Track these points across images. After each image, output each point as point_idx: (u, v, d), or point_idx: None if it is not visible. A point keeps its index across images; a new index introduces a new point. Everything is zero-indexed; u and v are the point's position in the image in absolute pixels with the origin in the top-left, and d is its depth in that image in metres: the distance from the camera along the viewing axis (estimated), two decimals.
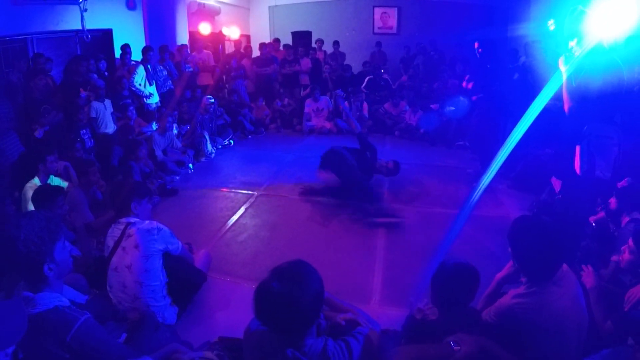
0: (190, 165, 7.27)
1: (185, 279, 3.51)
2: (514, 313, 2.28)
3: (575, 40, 3.39)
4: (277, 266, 1.90)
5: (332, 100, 10.47)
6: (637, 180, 4.01)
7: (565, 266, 2.33)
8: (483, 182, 6.39)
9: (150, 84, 8.21)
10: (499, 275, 2.76)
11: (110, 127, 6.93)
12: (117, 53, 8.69)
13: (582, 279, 2.85)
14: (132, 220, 3.26)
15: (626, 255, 2.82)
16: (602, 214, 4.07)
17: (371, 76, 11.02)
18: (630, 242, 2.82)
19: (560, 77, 3.69)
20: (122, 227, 3.24)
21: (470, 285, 2.30)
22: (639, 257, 2.75)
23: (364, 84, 10.85)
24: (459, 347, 2.07)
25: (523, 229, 2.28)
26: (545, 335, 2.20)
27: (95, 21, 8.30)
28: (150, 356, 2.31)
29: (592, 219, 4.07)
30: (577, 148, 3.48)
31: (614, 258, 3.13)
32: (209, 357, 2.35)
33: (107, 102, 6.93)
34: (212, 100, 8.49)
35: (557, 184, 4.40)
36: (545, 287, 2.24)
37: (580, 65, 3.42)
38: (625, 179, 4.02)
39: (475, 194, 6.18)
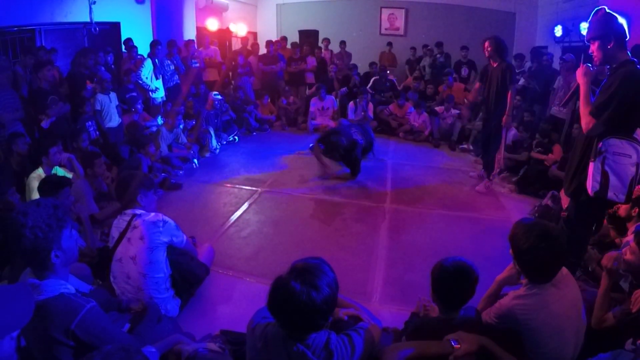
0: (195, 160, 7.29)
1: (189, 272, 3.53)
2: (513, 314, 2.29)
3: (597, 44, 3.23)
4: (298, 262, 1.93)
5: (337, 99, 10.49)
6: None
7: (564, 269, 2.35)
8: (485, 185, 6.43)
9: (157, 78, 8.22)
10: (500, 276, 2.77)
11: (115, 120, 6.94)
12: (124, 47, 8.72)
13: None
14: (138, 212, 3.28)
15: (628, 256, 2.79)
16: (603, 221, 4.06)
17: (377, 77, 11.04)
18: (632, 242, 2.78)
19: (571, 86, 3.54)
20: (127, 218, 3.26)
21: (467, 283, 2.31)
22: None
23: (369, 85, 10.86)
24: (459, 345, 2.09)
25: (524, 230, 2.29)
26: (544, 336, 2.22)
27: (103, 14, 8.32)
28: (153, 346, 2.33)
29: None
30: (591, 165, 3.21)
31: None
32: (213, 349, 2.37)
33: (113, 95, 6.94)
34: (219, 97, 8.52)
35: (564, 198, 4.24)
36: (544, 288, 2.26)
37: (600, 74, 3.25)
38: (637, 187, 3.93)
39: (477, 197, 6.22)
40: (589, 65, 3.31)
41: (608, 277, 2.76)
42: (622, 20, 3.09)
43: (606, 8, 3.14)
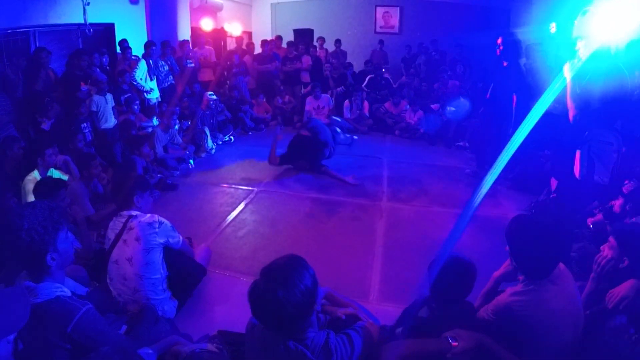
0: (191, 161, 7.27)
1: (186, 273, 3.53)
2: (511, 310, 2.30)
3: (582, 42, 3.37)
4: (268, 264, 1.92)
5: (333, 98, 10.49)
6: None
7: (561, 265, 2.36)
8: (482, 182, 6.42)
9: (152, 79, 8.19)
10: (497, 273, 2.78)
11: (111, 122, 6.93)
12: (119, 48, 8.70)
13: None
14: (134, 213, 3.28)
15: (606, 252, 2.81)
16: (599, 216, 4.08)
17: (372, 75, 11.04)
18: (612, 239, 2.81)
19: (563, 81, 3.68)
20: (123, 219, 3.26)
21: (466, 279, 2.32)
22: (620, 254, 2.74)
23: (365, 83, 10.87)
24: (457, 343, 2.09)
25: (521, 226, 2.30)
26: (542, 332, 2.22)
27: (97, 15, 8.29)
28: (150, 347, 2.32)
29: (589, 220, 4.08)
30: (577, 153, 3.49)
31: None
32: (211, 349, 2.37)
33: (109, 96, 6.93)
34: (215, 97, 8.51)
35: (554, 184, 4.40)
36: (542, 285, 2.27)
37: (584, 70, 3.41)
38: (630, 183, 4.00)
39: (473, 194, 6.21)
40: (575, 61, 3.45)
41: (595, 281, 2.80)
42: (606, 20, 3.20)
43: (591, 8, 3.24)
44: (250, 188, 6.34)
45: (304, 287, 1.83)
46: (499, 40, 5.89)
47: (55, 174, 4.87)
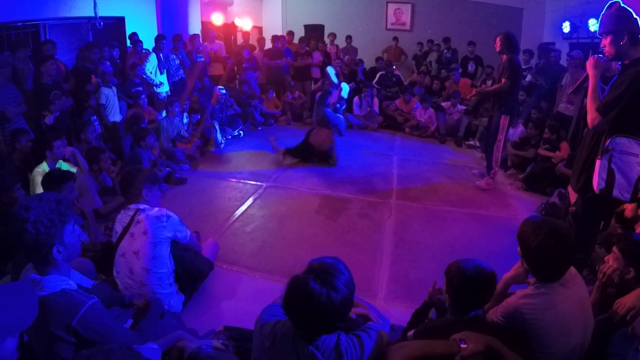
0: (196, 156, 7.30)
1: (193, 267, 3.51)
2: (520, 313, 2.26)
3: (609, 39, 3.16)
4: (314, 262, 1.90)
5: None
6: None
7: (573, 269, 2.32)
8: (486, 182, 6.35)
9: (162, 73, 8.19)
10: (507, 275, 2.74)
11: (119, 115, 6.94)
12: (129, 41, 8.70)
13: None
14: (142, 206, 3.26)
15: (611, 263, 2.76)
16: (612, 221, 4.01)
17: (383, 72, 10.98)
18: (615, 250, 2.76)
19: (584, 78, 3.48)
20: (131, 213, 3.24)
21: (488, 290, 2.28)
22: (625, 265, 2.69)
23: (375, 80, 10.81)
24: (466, 345, 2.06)
25: (533, 227, 2.25)
26: (551, 336, 2.19)
27: (108, 8, 8.28)
28: (155, 342, 2.30)
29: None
30: (597, 163, 3.26)
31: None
32: (217, 346, 2.34)
33: (115, 88, 6.92)
34: (224, 91, 8.50)
35: (572, 194, 4.17)
36: (552, 288, 2.23)
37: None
38: None
39: (483, 194, 6.17)
40: (600, 56, 3.24)
41: (600, 289, 2.75)
42: (636, 16, 3.03)
43: (621, 2, 3.07)
44: (258, 183, 6.33)
45: (348, 291, 1.85)
46: (498, 38, 5.93)
47: (64, 166, 4.88)
